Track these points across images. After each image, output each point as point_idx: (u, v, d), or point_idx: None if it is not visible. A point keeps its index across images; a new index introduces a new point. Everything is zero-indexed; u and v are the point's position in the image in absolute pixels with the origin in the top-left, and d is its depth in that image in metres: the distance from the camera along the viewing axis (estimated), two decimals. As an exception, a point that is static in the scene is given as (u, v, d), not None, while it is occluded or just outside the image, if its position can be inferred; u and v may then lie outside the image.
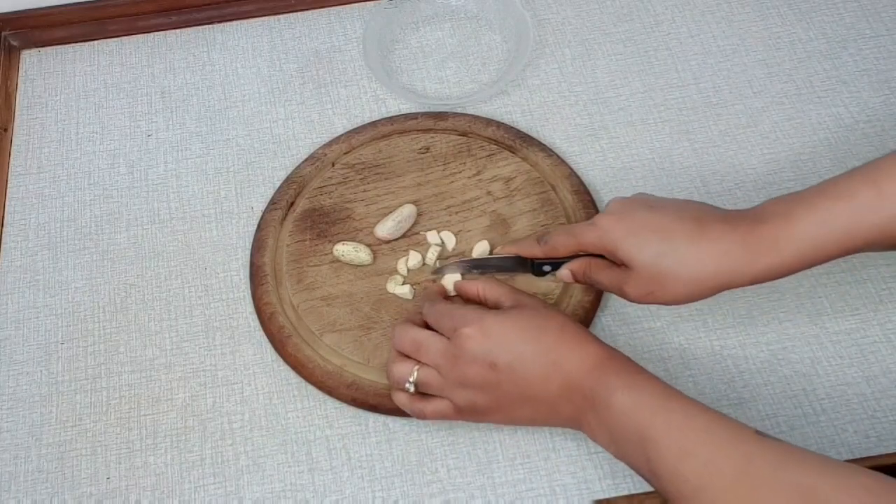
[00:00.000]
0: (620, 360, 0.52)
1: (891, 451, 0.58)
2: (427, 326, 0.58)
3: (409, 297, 0.64)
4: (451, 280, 0.63)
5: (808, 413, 0.60)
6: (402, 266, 0.66)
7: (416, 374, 0.56)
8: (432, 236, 0.67)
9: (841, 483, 0.43)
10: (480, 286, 0.59)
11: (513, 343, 0.53)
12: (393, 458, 0.60)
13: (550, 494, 0.58)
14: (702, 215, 0.54)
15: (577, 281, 0.60)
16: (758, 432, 0.47)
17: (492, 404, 0.54)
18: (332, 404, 0.62)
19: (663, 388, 0.50)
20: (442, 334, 0.56)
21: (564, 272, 0.59)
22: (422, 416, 0.57)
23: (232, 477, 0.60)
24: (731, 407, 0.60)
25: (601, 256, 0.57)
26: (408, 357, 0.57)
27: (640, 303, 0.55)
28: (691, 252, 0.52)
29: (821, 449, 0.58)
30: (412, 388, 0.56)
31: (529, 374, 0.52)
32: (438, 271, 0.65)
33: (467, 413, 0.55)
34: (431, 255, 0.66)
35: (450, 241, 0.67)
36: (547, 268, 0.60)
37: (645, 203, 0.56)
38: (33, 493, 0.60)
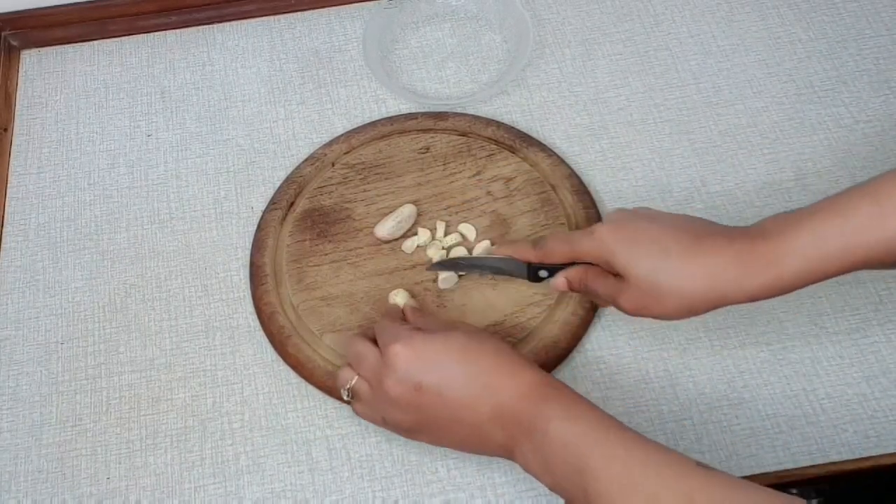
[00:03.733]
0: (557, 388, 0.51)
1: (891, 451, 0.58)
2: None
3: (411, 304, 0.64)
4: (403, 298, 0.64)
5: (808, 413, 0.60)
6: (409, 244, 0.66)
7: (351, 383, 0.56)
8: (439, 226, 0.67)
9: None
10: (411, 314, 0.60)
11: (441, 364, 0.52)
12: (393, 458, 0.60)
13: (550, 494, 0.58)
14: (700, 230, 0.53)
15: (571, 289, 0.58)
16: (699, 464, 0.46)
17: (416, 425, 0.53)
18: (332, 404, 0.62)
19: (602, 417, 0.49)
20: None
21: (560, 280, 0.58)
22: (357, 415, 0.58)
23: (232, 477, 0.60)
24: (730, 407, 0.60)
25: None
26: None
27: (634, 315, 0.54)
28: (686, 268, 0.51)
29: (821, 449, 0.58)
30: (345, 396, 0.57)
31: (458, 398, 0.51)
32: (433, 268, 0.64)
33: (393, 429, 0.55)
34: (440, 229, 0.67)
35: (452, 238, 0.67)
36: (543, 273, 0.60)
37: (645, 215, 0.55)
38: (33, 493, 0.60)
